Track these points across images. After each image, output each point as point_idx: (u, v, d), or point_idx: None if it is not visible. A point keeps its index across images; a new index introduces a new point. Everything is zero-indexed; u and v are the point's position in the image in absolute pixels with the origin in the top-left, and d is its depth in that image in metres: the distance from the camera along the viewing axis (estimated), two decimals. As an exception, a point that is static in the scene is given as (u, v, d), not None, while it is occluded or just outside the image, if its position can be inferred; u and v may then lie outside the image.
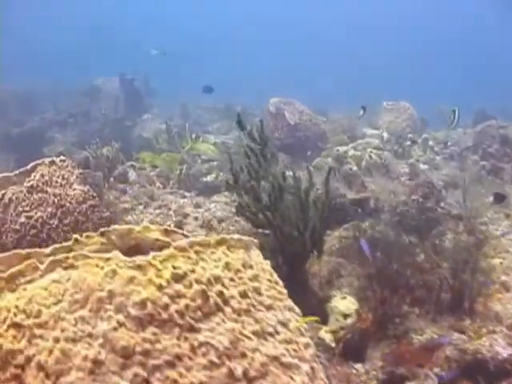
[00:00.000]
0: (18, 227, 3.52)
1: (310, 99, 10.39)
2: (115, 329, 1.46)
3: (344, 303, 3.21)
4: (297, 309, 1.95)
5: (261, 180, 3.32)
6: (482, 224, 5.26)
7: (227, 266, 1.78)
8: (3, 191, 3.59)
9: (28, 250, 1.79)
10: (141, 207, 5.58)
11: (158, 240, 1.99)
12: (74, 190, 3.71)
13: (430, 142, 9.58)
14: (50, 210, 3.56)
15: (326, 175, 3.45)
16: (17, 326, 1.50)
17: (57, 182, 3.66)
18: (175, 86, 18.08)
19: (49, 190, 3.61)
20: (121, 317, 1.49)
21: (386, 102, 10.70)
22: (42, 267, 1.62)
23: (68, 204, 3.61)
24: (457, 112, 6.65)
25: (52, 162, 3.78)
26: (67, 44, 33.83)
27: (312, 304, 3.01)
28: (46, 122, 12.46)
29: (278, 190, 3.24)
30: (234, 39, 41.05)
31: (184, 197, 5.85)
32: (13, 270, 1.61)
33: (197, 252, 1.75)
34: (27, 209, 3.55)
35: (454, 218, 5.21)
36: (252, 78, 26.33)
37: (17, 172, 3.88)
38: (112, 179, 5.79)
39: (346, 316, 3.11)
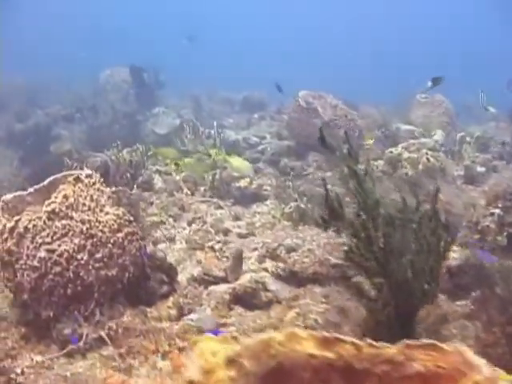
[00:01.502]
0: (36, 264, 2.75)
1: (334, 91, 9.57)
2: None
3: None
4: None
5: (372, 212, 2.50)
6: None
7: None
8: (16, 217, 2.81)
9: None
10: (171, 220, 4.81)
11: (313, 356, 1.20)
12: (107, 214, 2.93)
13: (467, 139, 8.78)
14: (77, 241, 2.79)
15: (433, 198, 2.66)
16: None
17: (84, 204, 2.88)
18: (185, 78, 17.20)
19: (75, 215, 2.83)
20: None
21: (419, 94, 9.87)
22: None
23: (100, 233, 2.83)
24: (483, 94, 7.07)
25: (77, 180, 2.99)
26: (71, 36, 32.85)
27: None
28: (51, 116, 11.64)
29: (391, 223, 2.44)
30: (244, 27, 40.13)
31: (219, 207, 5.07)
32: None
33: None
34: (48, 240, 2.77)
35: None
36: (263, 66, 25.40)
37: (31, 190, 3.11)
38: (135, 187, 5.01)
39: None
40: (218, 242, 4.14)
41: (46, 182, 3.17)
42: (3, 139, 11.42)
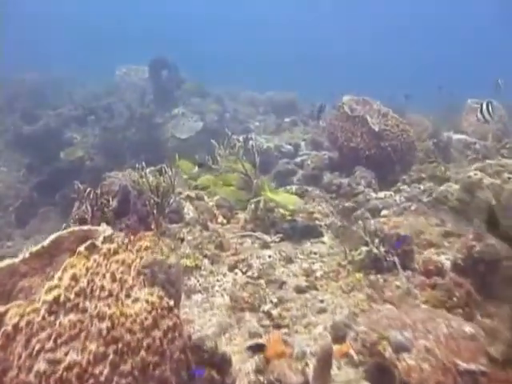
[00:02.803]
0: (32, 379, 1.79)
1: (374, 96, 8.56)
2: None
3: None
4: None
5: None
6: None
7: None
8: (1, 308, 1.85)
9: None
10: (207, 263, 3.84)
11: None
12: (136, 301, 1.96)
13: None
14: (93, 347, 1.81)
15: None
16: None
17: (103, 288, 1.91)
18: (206, 76, 16.22)
19: (88, 305, 1.86)
20: None
21: (470, 99, 8.82)
22: None
23: (127, 334, 1.86)
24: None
25: (91, 248, 2.02)
26: (84, 33, 32.08)
27: None
28: (62, 118, 10.72)
29: None
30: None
31: (265, 245, 4.08)
32: None
33: None
34: (50, 346, 1.81)
35: None
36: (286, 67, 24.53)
37: (26, 255, 2.16)
38: (161, 220, 4.04)
39: None
40: (275, 304, 3.16)
41: (46, 242, 2.22)
42: (10, 142, 10.54)
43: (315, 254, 3.98)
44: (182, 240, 4.01)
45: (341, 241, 4.16)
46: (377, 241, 3.69)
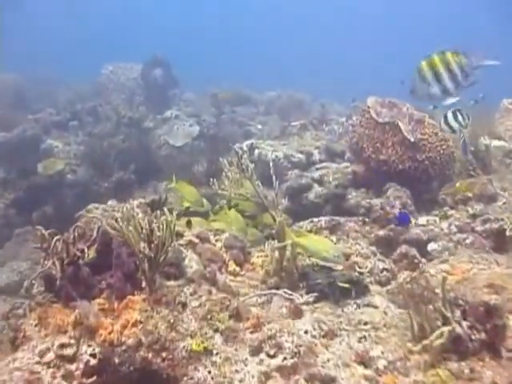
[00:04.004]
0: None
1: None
2: None
3: None
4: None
5: None
6: None
7: None
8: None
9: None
10: (220, 342, 2.76)
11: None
12: None
13: None
14: None
15: None
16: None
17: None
18: (199, 75, 15.10)
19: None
20: None
21: (506, 99, 7.78)
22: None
23: None
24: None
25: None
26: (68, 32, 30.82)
27: None
28: (42, 123, 9.59)
29: None
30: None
31: (297, 311, 3.00)
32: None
33: None
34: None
35: None
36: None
37: None
38: (157, 278, 2.94)
39: None
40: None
41: None
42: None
43: (366, 324, 2.90)
44: (185, 306, 2.93)
45: (400, 305, 3.09)
46: (458, 313, 2.63)
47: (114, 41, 28.20)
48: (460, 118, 4.60)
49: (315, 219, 4.29)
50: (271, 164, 4.09)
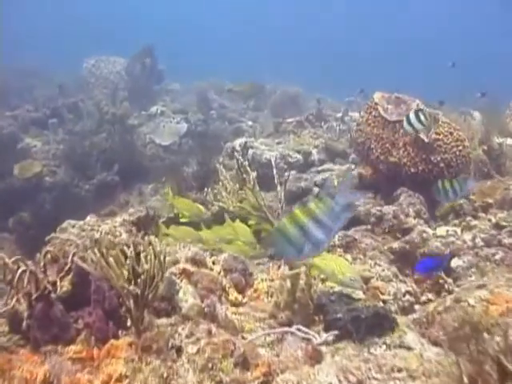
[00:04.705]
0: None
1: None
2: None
3: None
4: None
5: None
6: None
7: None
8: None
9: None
10: (224, 399, 2.23)
11: None
12: None
13: None
14: None
15: None
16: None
17: None
18: (185, 68, 14.51)
19: None
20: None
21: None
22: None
23: None
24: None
25: None
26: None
27: None
28: (19, 121, 8.96)
29: None
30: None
31: (316, 355, 2.47)
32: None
33: None
34: None
35: None
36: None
37: None
38: (145, 315, 2.40)
39: None
40: None
41: None
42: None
43: (401, 371, 2.39)
44: (180, 352, 2.40)
45: (434, 341, 2.58)
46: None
47: (98, 33, 27.35)
48: (422, 118, 4.31)
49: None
50: (274, 171, 3.53)
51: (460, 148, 4.94)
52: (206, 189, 3.72)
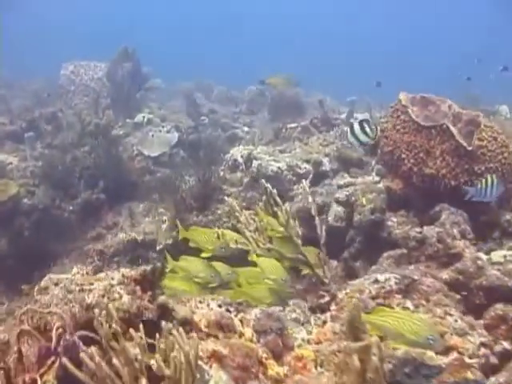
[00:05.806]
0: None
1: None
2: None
3: None
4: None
5: None
6: None
7: None
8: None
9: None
10: None
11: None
12: None
13: None
14: None
15: None
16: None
17: None
18: (170, 71, 13.75)
19: None
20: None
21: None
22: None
23: None
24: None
25: None
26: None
27: None
28: (-7, 135, 8.14)
29: None
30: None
31: None
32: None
33: None
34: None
35: None
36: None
37: None
38: None
39: None
40: None
41: None
42: None
43: None
44: None
45: None
46: None
47: (76, 37, 26.39)
48: (368, 129, 3.94)
49: (379, 277, 2.97)
50: (310, 199, 2.77)
51: (505, 155, 4.25)
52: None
